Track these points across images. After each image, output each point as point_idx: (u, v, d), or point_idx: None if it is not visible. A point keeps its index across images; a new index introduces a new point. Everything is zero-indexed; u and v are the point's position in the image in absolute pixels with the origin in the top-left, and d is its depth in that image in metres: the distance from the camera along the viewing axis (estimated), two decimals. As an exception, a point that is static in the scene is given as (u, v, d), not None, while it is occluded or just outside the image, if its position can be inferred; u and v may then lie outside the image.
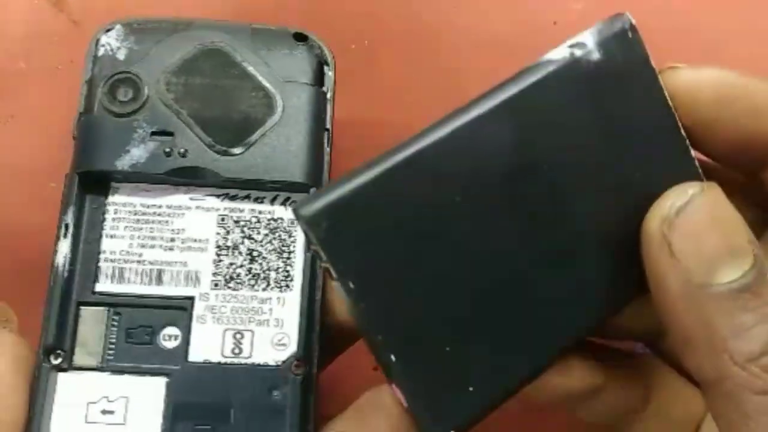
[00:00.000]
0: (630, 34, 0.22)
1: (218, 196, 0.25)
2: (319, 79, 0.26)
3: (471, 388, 0.21)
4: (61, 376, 0.23)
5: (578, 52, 0.22)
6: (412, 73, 0.31)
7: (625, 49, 0.22)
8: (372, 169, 0.20)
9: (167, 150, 0.24)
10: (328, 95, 0.26)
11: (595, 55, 0.22)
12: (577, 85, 0.21)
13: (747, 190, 0.24)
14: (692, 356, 0.20)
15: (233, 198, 0.25)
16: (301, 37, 0.26)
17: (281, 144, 0.25)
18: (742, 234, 0.20)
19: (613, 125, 0.22)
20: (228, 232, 0.24)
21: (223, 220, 0.25)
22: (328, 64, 0.26)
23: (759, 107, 0.22)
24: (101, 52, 0.25)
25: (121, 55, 0.25)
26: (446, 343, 0.20)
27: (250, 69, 0.25)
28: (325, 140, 0.25)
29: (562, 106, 0.21)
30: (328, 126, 0.25)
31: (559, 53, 0.22)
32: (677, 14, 0.33)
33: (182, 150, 0.24)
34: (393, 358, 0.20)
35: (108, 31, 0.25)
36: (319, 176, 0.25)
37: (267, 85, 0.25)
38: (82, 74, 0.25)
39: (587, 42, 0.22)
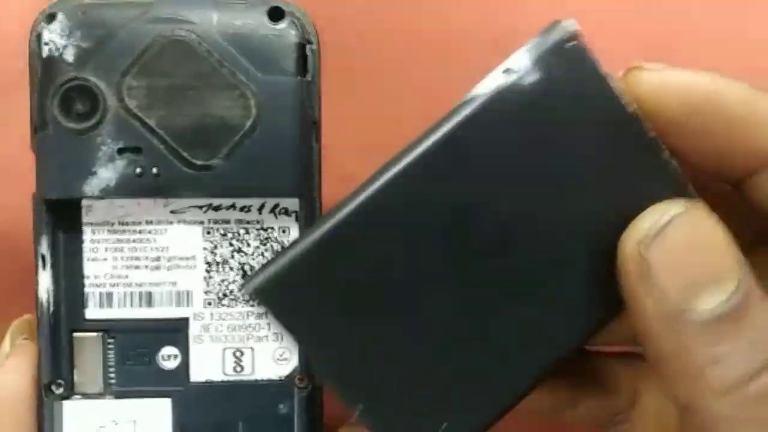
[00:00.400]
0: (569, 44, 0.19)
1: (200, 207, 0.23)
2: (301, 66, 0.22)
3: (446, 424, 0.20)
4: (66, 404, 0.23)
5: (510, 78, 0.19)
6: (413, 73, 0.30)
7: (566, 62, 0.19)
8: (313, 233, 0.20)
9: (138, 171, 0.22)
10: (314, 81, 0.22)
11: (532, 77, 0.19)
12: (516, 113, 0.19)
13: (734, 199, 0.21)
14: (667, 380, 0.19)
15: (217, 209, 0.23)
16: (277, 16, 0.22)
17: (264, 149, 0.22)
18: (727, 256, 0.19)
19: (571, 146, 0.20)
20: (216, 247, 0.23)
21: (208, 233, 0.23)
22: (311, 42, 0.22)
23: (732, 117, 0.19)
24: (46, 52, 0.21)
25: (69, 56, 0.21)
26: (417, 387, 0.20)
27: (220, 63, 0.22)
28: (313, 137, 0.22)
29: (500, 140, 0.19)
30: (315, 119, 0.22)
31: (492, 81, 0.19)
32: (677, 14, 0.30)
33: (155, 170, 0.22)
34: (362, 407, 0.20)
35: (50, 21, 0.21)
36: (310, 178, 0.22)
37: (241, 81, 0.22)
38: (30, 79, 0.22)
39: (520, 63, 0.19)
